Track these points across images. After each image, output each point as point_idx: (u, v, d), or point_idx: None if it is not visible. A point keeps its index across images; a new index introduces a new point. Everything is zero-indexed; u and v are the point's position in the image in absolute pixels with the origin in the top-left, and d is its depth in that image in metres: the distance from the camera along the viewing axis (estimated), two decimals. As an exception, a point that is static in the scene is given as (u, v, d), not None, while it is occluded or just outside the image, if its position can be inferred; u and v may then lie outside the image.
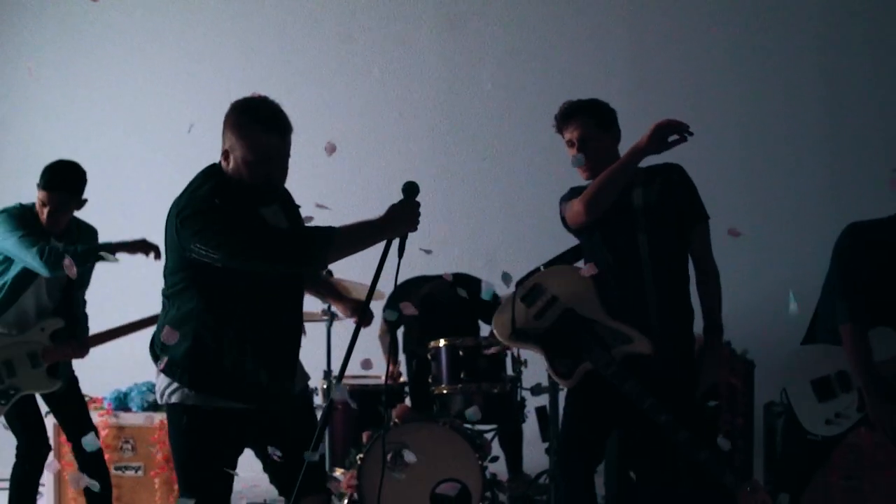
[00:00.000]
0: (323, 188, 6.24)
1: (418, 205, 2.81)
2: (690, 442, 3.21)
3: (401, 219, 2.80)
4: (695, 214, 3.36)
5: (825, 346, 3.62)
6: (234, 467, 2.94)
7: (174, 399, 2.88)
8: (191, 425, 2.88)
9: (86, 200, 4.10)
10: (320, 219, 3.16)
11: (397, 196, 2.85)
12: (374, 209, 2.75)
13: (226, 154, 2.88)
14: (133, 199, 6.43)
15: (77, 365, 4.81)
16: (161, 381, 2.92)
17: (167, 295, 2.94)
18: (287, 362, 3.00)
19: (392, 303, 5.11)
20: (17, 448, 4.18)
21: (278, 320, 2.94)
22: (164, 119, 6.56)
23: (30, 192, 4.08)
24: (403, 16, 6.60)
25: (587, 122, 3.31)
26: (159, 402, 3.00)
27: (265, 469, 3.05)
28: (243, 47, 6.75)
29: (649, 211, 3.29)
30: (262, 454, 3.00)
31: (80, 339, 4.15)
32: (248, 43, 6.76)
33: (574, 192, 3.38)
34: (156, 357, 2.93)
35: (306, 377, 3.16)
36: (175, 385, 2.87)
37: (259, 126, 2.82)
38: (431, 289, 5.08)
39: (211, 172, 2.92)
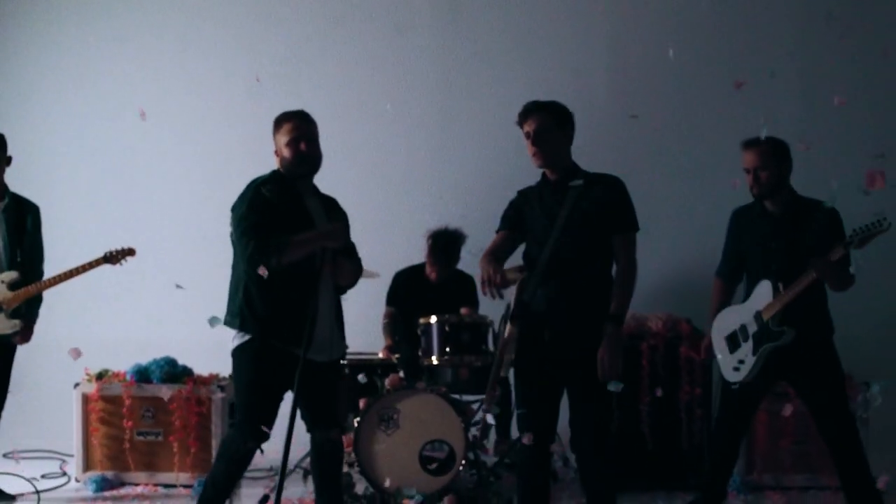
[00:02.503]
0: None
1: (346, 228, 3.78)
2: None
3: (331, 236, 3.77)
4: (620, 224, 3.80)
5: (735, 307, 4.25)
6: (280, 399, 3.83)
7: (235, 343, 3.78)
8: (244, 356, 3.75)
9: (10, 158, 4.89)
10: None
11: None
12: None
13: (276, 153, 3.88)
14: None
15: (103, 345, 5.45)
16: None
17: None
18: (303, 327, 3.65)
19: (393, 293, 5.68)
20: None
21: (297, 294, 3.68)
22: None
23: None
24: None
25: (543, 118, 3.77)
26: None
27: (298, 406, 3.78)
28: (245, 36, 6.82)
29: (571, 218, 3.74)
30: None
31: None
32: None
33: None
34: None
35: (341, 350, 4.01)
36: (234, 332, 3.77)
37: (287, 116, 3.87)
38: (418, 278, 5.64)
39: (271, 172, 3.89)
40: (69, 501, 4.97)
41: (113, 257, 5.01)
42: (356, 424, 4.82)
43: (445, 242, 5.59)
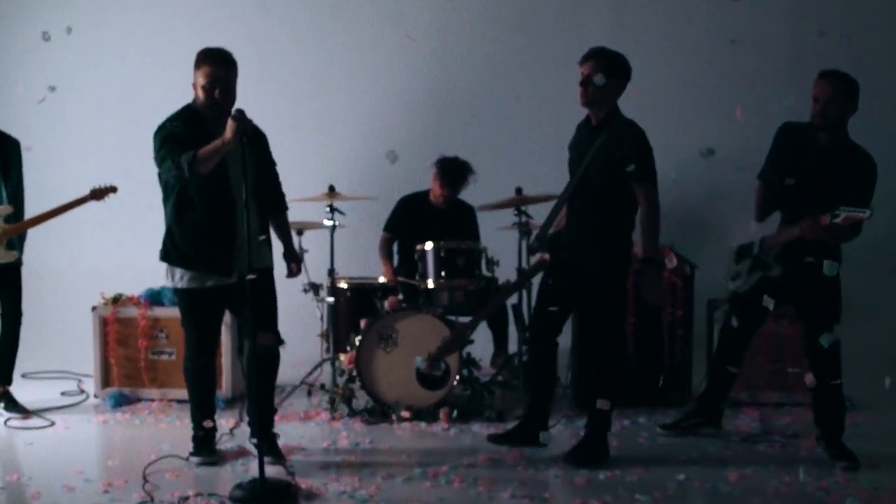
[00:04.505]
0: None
1: (244, 124, 3.77)
2: None
3: (227, 133, 3.79)
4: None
5: (756, 225, 4.43)
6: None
7: (169, 284, 4.22)
8: (180, 299, 4.23)
9: None
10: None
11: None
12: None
13: (193, 87, 4.08)
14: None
15: (116, 271, 5.71)
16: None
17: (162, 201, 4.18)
18: (230, 245, 4.04)
19: (393, 218, 5.92)
20: None
21: (218, 215, 4.04)
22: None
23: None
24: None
25: (596, 64, 4.14)
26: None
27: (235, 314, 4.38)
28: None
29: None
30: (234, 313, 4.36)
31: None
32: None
33: None
34: None
35: (267, 260, 4.23)
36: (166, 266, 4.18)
37: (208, 59, 4.04)
38: (422, 204, 5.87)
39: (184, 105, 4.14)
40: (90, 415, 5.27)
41: (98, 194, 5.25)
42: (357, 343, 5.13)
43: (453, 168, 5.77)
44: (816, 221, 4.05)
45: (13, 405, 5.23)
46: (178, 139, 3.95)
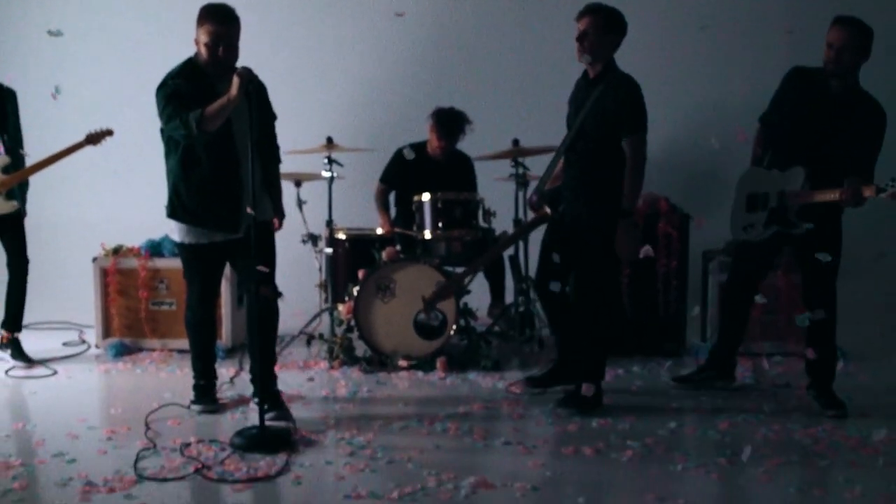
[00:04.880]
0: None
1: (249, 81, 3.78)
2: None
3: (238, 93, 3.79)
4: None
5: (766, 171, 4.37)
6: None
7: (174, 238, 4.24)
8: (184, 254, 4.24)
9: None
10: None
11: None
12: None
13: (196, 44, 4.05)
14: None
15: (116, 222, 5.73)
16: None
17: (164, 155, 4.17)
18: (236, 201, 4.05)
19: (389, 169, 5.93)
20: None
21: (223, 172, 4.04)
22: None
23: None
24: None
25: (592, 20, 4.18)
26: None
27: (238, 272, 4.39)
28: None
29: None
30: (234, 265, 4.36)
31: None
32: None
33: None
34: None
35: (268, 212, 4.24)
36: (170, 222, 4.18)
37: (211, 16, 3.99)
38: (420, 155, 5.88)
39: (186, 59, 4.10)
40: (91, 365, 5.34)
41: (94, 138, 5.25)
42: (356, 293, 5.18)
43: (449, 119, 5.75)
44: (859, 190, 4.03)
45: (19, 354, 5.31)
46: (182, 96, 3.94)
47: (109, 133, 5.31)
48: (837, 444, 3.86)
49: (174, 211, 4.15)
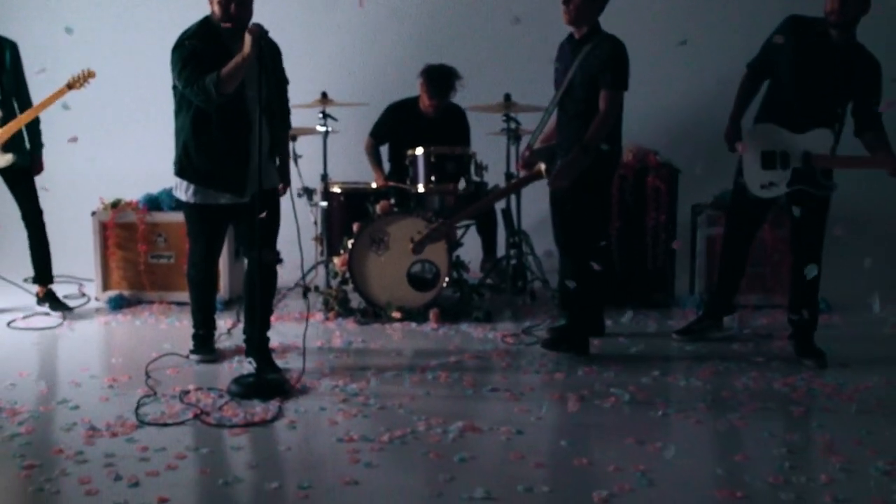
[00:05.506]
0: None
1: (261, 37, 3.82)
2: None
3: (251, 51, 3.83)
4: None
5: (782, 130, 4.38)
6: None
7: (179, 196, 4.24)
8: (189, 212, 4.28)
9: None
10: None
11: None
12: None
13: (210, 2, 4.05)
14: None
15: (114, 176, 5.79)
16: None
17: (174, 112, 4.16)
18: (245, 165, 4.06)
19: (379, 125, 6.00)
20: None
21: (234, 135, 4.05)
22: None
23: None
24: None
25: None
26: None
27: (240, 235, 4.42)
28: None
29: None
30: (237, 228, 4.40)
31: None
32: None
33: None
34: None
35: (275, 180, 4.24)
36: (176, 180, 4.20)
37: None
38: (412, 112, 5.95)
39: (202, 18, 4.08)
40: (92, 317, 5.46)
41: (76, 82, 5.24)
42: (350, 246, 5.29)
43: (439, 77, 5.78)
44: None
45: (58, 304, 5.44)
46: (199, 58, 3.94)
47: (91, 75, 5.28)
48: (814, 392, 3.99)
49: (182, 170, 4.16)
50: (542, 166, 4.52)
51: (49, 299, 5.48)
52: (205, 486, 3.00)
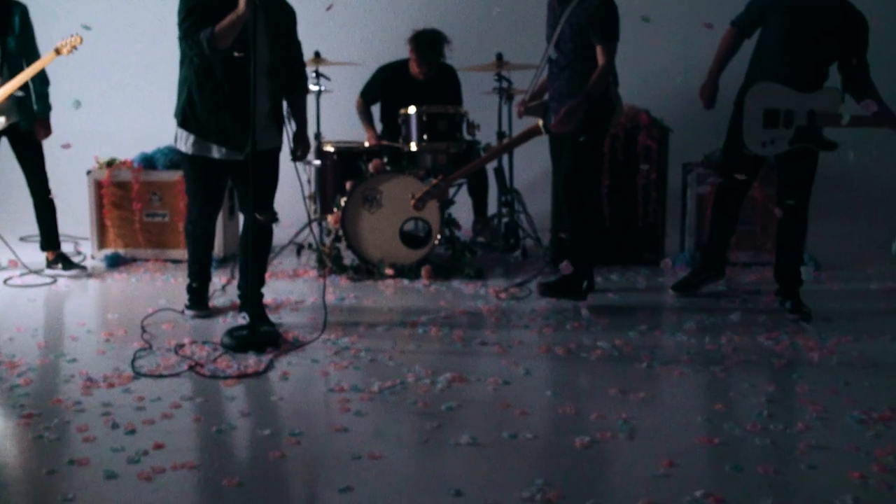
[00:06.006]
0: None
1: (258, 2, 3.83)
2: None
3: (245, 8, 3.84)
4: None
5: (784, 87, 4.41)
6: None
7: (181, 147, 4.22)
8: (190, 163, 4.25)
9: None
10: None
11: None
12: None
13: None
14: None
15: (109, 136, 5.80)
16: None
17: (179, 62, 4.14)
18: (245, 122, 3.98)
19: (370, 86, 6.03)
20: None
21: (237, 91, 4.01)
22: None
23: None
24: None
25: None
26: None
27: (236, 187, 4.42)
28: None
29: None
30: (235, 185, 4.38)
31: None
32: None
33: None
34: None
35: (274, 141, 4.24)
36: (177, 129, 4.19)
37: None
38: (402, 75, 5.97)
39: None
40: (88, 275, 5.53)
41: (63, 47, 5.21)
42: (343, 204, 5.34)
43: (428, 43, 5.79)
44: None
45: (71, 264, 5.50)
46: (203, 12, 3.92)
47: (79, 41, 5.23)
48: (796, 346, 4.07)
49: (185, 120, 4.17)
50: (539, 122, 4.60)
51: (60, 261, 5.52)
52: (199, 433, 3.09)
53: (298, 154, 4.26)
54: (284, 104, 4.24)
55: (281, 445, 2.94)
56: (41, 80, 5.29)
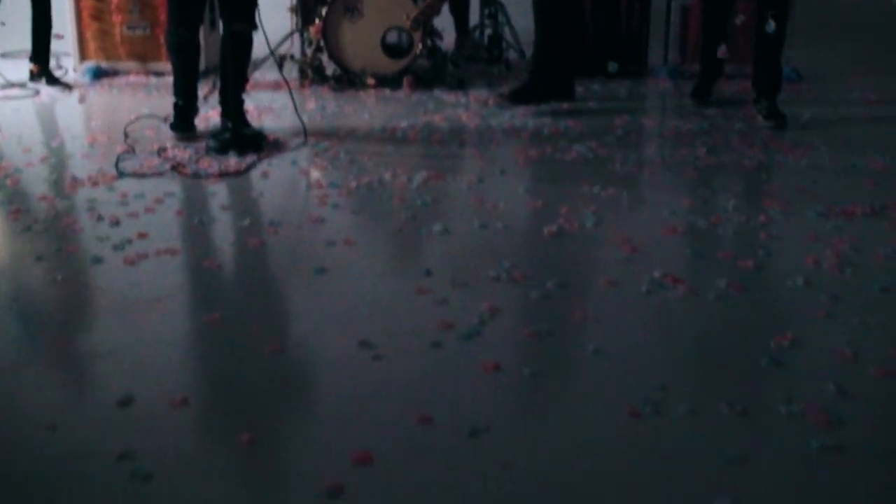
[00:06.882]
0: None
1: None
2: None
3: None
4: None
5: None
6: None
7: None
8: None
9: None
10: None
11: None
12: None
13: None
14: None
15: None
16: None
17: None
18: None
19: None
20: None
21: None
22: None
23: None
24: None
25: None
26: None
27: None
28: None
29: None
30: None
31: None
32: None
33: None
34: None
35: None
36: None
37: None
38: None
39: None
40: (70, 87, 5.51)
41: None
42: (324, 15, 5.28)
43: None
44: None
45: (55, 80, 5.47)
46: None
47: None
48: (770, 150, 4.14)
49: None
50: None
51: (45, 76, 5.49)
52: (181, 224, 3.20)
53: None
54: None
55: (260, 234, 3.06)
56: None
